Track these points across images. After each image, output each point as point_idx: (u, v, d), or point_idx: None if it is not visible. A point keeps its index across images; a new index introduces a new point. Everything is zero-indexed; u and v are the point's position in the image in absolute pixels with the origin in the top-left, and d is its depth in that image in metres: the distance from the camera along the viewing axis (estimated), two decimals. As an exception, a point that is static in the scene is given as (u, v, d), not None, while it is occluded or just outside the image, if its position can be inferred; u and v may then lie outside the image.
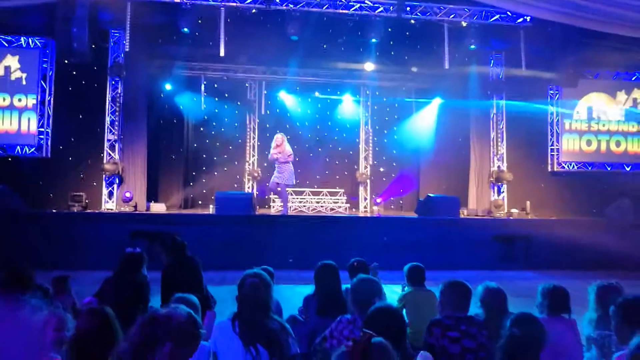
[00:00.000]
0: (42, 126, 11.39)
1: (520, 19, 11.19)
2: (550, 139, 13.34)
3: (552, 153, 13.35)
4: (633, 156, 13.53)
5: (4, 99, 11.34)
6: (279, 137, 10.66)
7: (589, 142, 13.48)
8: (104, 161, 11.20)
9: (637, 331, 2.05)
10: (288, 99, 13.67)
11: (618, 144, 13.51)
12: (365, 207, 13.77)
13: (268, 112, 13.63)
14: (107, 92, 11.36)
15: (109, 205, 11.11)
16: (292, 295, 5.78)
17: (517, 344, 2.36)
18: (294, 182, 10.93)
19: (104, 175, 11.15)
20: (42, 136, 11.39)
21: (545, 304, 3.42)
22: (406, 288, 4.52)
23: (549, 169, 13.32)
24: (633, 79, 13.70)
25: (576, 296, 3.62)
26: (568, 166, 13.39)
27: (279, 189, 10.70)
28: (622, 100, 13.54)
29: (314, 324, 3.80)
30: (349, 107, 14.01)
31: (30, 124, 11.38)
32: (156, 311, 1.92)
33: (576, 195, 12.56)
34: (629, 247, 9.18)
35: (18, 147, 11.33)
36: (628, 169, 13.50)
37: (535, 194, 12.64)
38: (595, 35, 10.68)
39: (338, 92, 13.77)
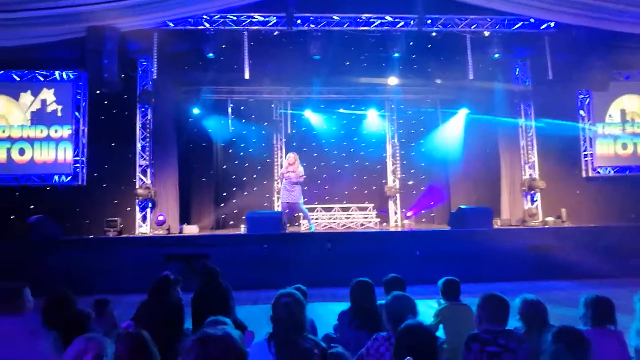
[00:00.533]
0: (77, 155, 11.77)
1: (544, 25, 11.03)
2: (583, 144, 13.02)
3: (586, 159, 13.01)
4: (671, 158, 13.05)
5: (42, 131, 11.78)
6: (291, 157, 10.76)
7: (624, 146, 13.09)
8: (137, 186, 11.46)
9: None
10: (313, 117, 13.78)
11: (655, 146, 13.07)
12: (395, 221, 13.65)
13: (294, 130, 13.77)
14: (137, 119, 11.68)
15: (142, 229, 11.34)
16: (325, 313, 5.75)
17: (561, 359, 2.29)
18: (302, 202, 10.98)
19: (137, 200, 11.41)
20: (77, 165, 11.76)
21: (589, 315, 3.30)
22: (441, 302, 4.44)
23: (584, 175, 12.96)
24: (666, 78, 13.30)
25: (619, 305, 3.49)
26: (603, 171, 13.01)
27: (287, 210, 10.76)
28: (655, 101, 13.14)
29: (347, 337, 3.77)
30: (374, 121, 14.02)
31: (66, 153, 11.77)
32: (211, 331, 1.91)
33: (613, 201, 12.18)
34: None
35: (55, 177, 11.72)
36: (667, 172, 13.03)
37: (570, 201, 12.30)
38: (623, 37, 10.46)
39: (362, 108, 13.81)
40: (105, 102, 11.77)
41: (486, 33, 11.02)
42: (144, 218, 11.43)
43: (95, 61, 9.87)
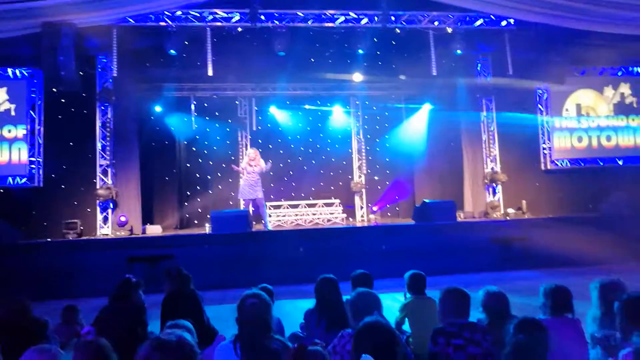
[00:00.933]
0: (33, 155, 11.34)
1: (505, 22, 11.28)
2: (542, 138, 13.42)
3: (544, 151, 13.42)
4: (625, 149, 13.62)
5: (-6, 131, 11.29)
6: (252, 152, 10.80)
7: (580, 139, 13.57)
8: (97, 186, 11.14)
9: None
10: (279, 114, 13.71)
11: (609, 138, 13.60)
12: (362, 216, 13.75)
13: (259, 127, 13.65)
14: (97, 118, 11.34)
15: (104, 230, 11.04)
16: (293, 310, 5.75)
17: (523, 350, 2.34)
18: None
19: (97, 201, 11.09)
20: (33, 166, 11.33)
21: (548, 305, 3.40)
22: (407, 296, 4.49)
23: (543, 168, 13.37)
24: (619, 73, 13.84)
25: (577, 293, 3.61)
26: (561, 163, 13.46)
27: (252, 208, 10.71)
28: (609, 96, 13.67)
29: (314, 336, 3.76)
30: (339, 118, 14.06)
31: (20, 154, 11.33)
32: (162, 337, 1.90)
33: (571, 192, 12.62)
34: (626, 242, 9.19)
35: (10, 178, 11.26)
36: (620, 163, 13.58)
37: (530, 193, 12.69)
38: (580, 34, 10.81)
39: (328, 104, 13.83)
40: (63, 100, 11.36)
41: (449, 29, 11.18)
42: (105, 219, 11.12)
43: (50, 58, 9.52)
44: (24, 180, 11.28)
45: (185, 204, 13.13)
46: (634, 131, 13.69)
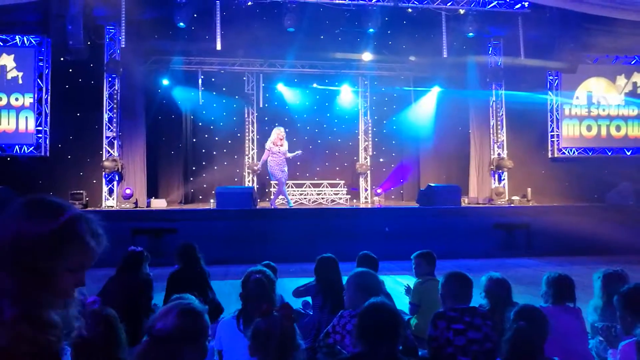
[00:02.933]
0: (39, 125, 11.35)
1: (519, 5, 11.10)
2: (550, 125, 13.30)
3: (552, 139, 13.31)
4: (633, 140, 13.48)
5: (1, 99, 11.28)
6: (282, 131, 10.46)
7: (589, 128, 13.44)
8: (104, 158, 11.17)
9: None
10: (286, 91, 13.61)
11: (618, 128, 13.46)
12: (366, 198, 13.76)
13: (266, 105, 13.57)
14: (104, 89, 11.31)
15: (109, 202, 11.10)
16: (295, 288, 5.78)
17: (522, 336, 2.36)
18: None
19: (103, 173, 11.13)
20: (40, 135, 11.35)
21: (550, 293, 3.40)
22: (414, 279, 4.46)
23: (550, 155, 13.28)
24: (632, 62, 13.61)
25: (578, 282, 3.61)
26: (568, 152, 13.36)
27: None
28: (621, 85, 13.47)
29: (317, 318, 3.79)
30: (347, 97, 13.95)
31: (28, 123, 11.33)
32: (194, 303, 1.90)
33: (577, 181, 12.56)
34: (631, 232, 9.16)
35: (16, 147, 11.30)
36: (629, 154, 13.47)
37: (536, 180, 12.62)
38: (594, 20, 10.62)
39: (336, 83, 13.69)
40: (70, 70, 11.33)
41: (461, 11, 11.02)
42: (111, 191, 11.18)
43: (59, 27, 9.47)
44: (30, 149, 11.32)
45: (191, 179, 13.15)
46: (644, 122, 13.54)
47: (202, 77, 12.93)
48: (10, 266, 1.10)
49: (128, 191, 10.92)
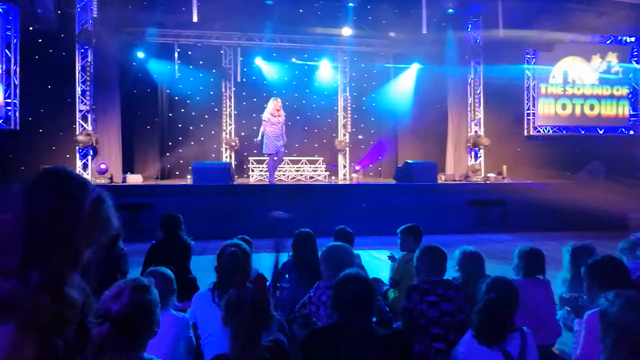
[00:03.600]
0: (8, 97, 10.98)
1: (498, -18, 11.07)
2: (527, 104, 13.46)
3: (528, 117, 13.49)
4: (606, 119, 13.77)
5: (-33, 69, 10.86)
6: (278, 102, 10.23)
7: (564, 106, 13.64)
8: (77, 132, 10.90)
9: (605, 290, 2.10)
10: (264, 66, 13.40)
11: (592, 107, 13.70)
12: (344, 175, 13.79)
13: (244, 79, 13.36)
14: (77, 61, 10.96)
15: (83, 177, 10.87)
16: (272, 263, 5.80)
17: (492, 306, 2.42)
18: None
19: (77, 147, 10.88)
20: (9, 107, 10.99)
21: (521, 266, 3.49)
22: (389, 253, 4.52)
23: (525, 134, 13.49)
24: (608, 42, 13.80)
25: (551, 257, 3.71)
26: (543, 130, 13.57)
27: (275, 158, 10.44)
28: (596, 64, 13.66)
29: (293, 291, 3.82)
30: (326, 73, 13.82)
31: (-4, 95, 10.96)
32: (139, 278, 1.93)
33: (551, 159, 12.80)
34: (601, 208, 9.41)
35: (-15, 120, 10.94)
36: (601, 132, 13.76)
37: (511, 158, 12.83)
38: (572, -1, 10.69)
39: (315, 58, 13.54)
40: (40, 40, 10.92)
41: (441, -13, 10.94)
42: (85, 166, 10.95)
43: (26, -6, 9.09)
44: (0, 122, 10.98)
45: (167, 154, 12.95)
46: (617, 101, 13.80)
47: (179, 50, 12.62)
48: (47, 240, 1.16)
49: (103, 166, 10.72)
